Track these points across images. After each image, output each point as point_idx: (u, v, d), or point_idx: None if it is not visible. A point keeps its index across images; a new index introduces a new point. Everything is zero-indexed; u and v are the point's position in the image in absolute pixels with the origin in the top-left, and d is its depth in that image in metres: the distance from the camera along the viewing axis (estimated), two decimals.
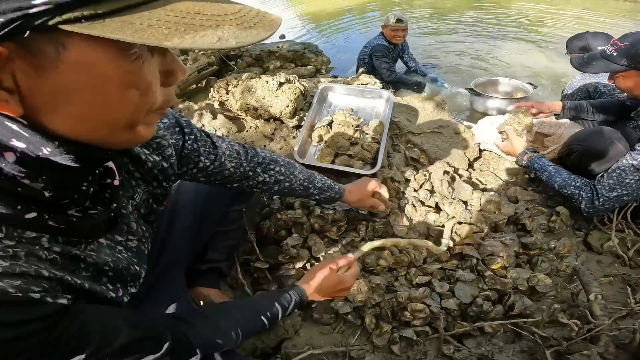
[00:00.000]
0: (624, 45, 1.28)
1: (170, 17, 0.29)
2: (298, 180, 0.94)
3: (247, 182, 0.86)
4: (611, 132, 1.35)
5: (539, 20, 5.65)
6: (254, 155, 0.85)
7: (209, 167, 0.75)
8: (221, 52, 2.73)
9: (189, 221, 0.91)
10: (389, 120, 1.51)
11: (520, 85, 2.45)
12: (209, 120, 1.72)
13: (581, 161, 1.41)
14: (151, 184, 0.58)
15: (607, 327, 0.96)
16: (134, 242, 0.54)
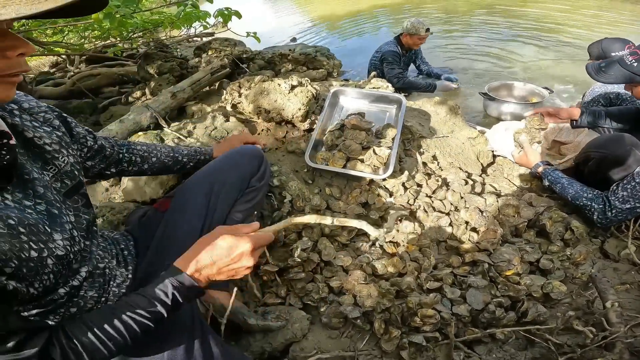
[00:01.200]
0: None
1: None
2: (163, 153, 1.05)
3: (121, 165, 0.97)
4: (630, 139, 1.34)
5: (555, 23, 5.59)
6: (117, 141, 0.98)
7: (94, 146, 0.86)
8: (234, 55, 2.79)
9: (192, 223, 0.94)
10: (401, 125, 1.52)
11: (535, 89, 2.44)
12: (221, 123, 1.76)
13: (599, 168, 1.40)
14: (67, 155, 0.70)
15: (622, 335, 0.95)
16: (43, 205, 0.61)
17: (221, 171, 1.02)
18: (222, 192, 0.99)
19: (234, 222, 1.02)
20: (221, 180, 1.00)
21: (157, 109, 1.92)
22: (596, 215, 1.29)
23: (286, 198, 1.39)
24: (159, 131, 1.78)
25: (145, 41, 3.77)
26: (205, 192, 0.97)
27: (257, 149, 1.13)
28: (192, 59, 3.13)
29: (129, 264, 0.83)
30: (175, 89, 2.12)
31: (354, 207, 1.36)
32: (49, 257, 0.58)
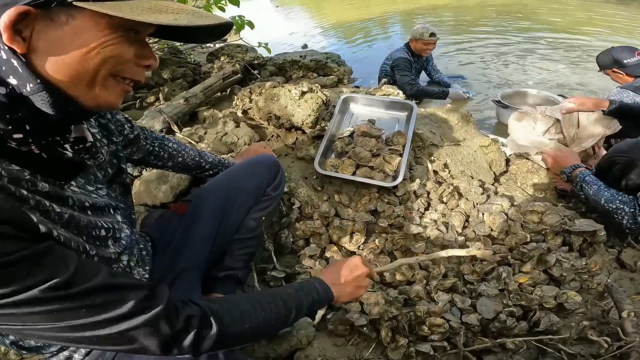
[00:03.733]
0: None
1: (145, 6, 0.47)
2: (190, 156, 1.10)
3: (148, 157, 1.01)
4: None
5: (569, 31, 5.55)
6: (153, 133, 1.03)
7: (129, 136, 0.90)
8: (245, 61, 2.86)
9: (208, 228, 0.98)
10: (412, 132, 1.54)
11: (550, 97, 2.43)
12: (232, 128, 1.81)
13: (624, 173, 1.37)
14: (108, 144, 0.73)
15: (638, 344, 0.94)
16: (104, 190, 0.67)
17: (239, 178, 1.06)
18: (238, 199, 1.02)
19: (246, 229, 1.05)
20: (238, 187, 1.03)
21: (170, 114, 1.98)
22: (626, 220, 1.25)
23: (295, 204, 1.41)
24: (171, 136, 1.83)
25: (160, 47, 3.88)
26: (222, 198, 1.01)
27: (274, 158, 1.16)
28: (204, 65, 3.22)
29: (146, 264, 0.85)
30: (188, 94, 2.18)
31: (363, 214, 1.38)
32: (111, 238, 0.63)
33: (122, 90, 0.54)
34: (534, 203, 1.40)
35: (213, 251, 0.99)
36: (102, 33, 0.47)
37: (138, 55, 0.53)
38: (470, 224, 1.39)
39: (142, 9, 0.46)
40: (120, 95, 0.55)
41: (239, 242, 1.05)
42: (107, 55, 0.48)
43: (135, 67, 0.54)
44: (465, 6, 9.05)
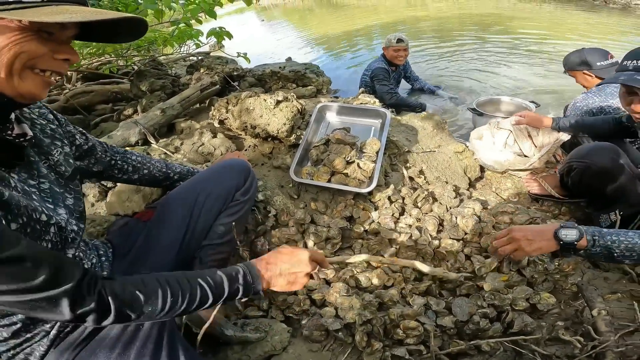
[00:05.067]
0: None
1: (46, 11, 0.55)
2: (156, 167, 1.11)
3: (111, 171, 1.02)
4: (612, 148, 1.35)
5: (540, 39, 5.84)
6: (113, 147, 1.05)
7: (83, 146, 0.92)
8: (225, 73, 2.88)
9: (173, 233, 0.98)
10: (385, 139, 1.57)
11: (522, 103, 2.51)
12: (209, 139, 1.81)
13: (582, 179, 1.42)
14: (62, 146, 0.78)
15: (613, 344, 0.95)
16: (46, 184, 0.71)
17: (206, 183, 1.06)
18: (206, 204, 1.02)
19: (216, 235, 1.05)
20: (205, 192, 1.03)
21: (146, 125, 1.97)
22: None
23: (271, 212, 1.42)
24: (147, 147, 1.83)
25: (141, 59, 3.89)
26: (188, 204, 1.01)
27: (244, 162, 1.16)
28: (184, 77, 3.23)
29: (104, 269, 0.87)
30: (165, 105, 2.18)
31: (339, 220, 1.39)
32: (54, 225, 0.66)
33: (42, 81, 0.62)
34: (505, 204, 1.44)
35: (180, 256, 0.99)
36: (13, 34, 0.55)
37: (53, 51, 0.61)
38: (444, 227, 1.42)
39: (42, 13, 0.55)
40: (41, 87, 0.62)
41: (209, 247, 1.04)
42: (17, 51, 0.56)
43: (53, 61, 0.62)
44: (444, 17, 9.43)
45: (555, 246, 1.00)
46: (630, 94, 1.21)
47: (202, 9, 2.27)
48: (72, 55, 0.64)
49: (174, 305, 0.66)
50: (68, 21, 0.57)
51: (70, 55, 0.64)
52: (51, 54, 0.61)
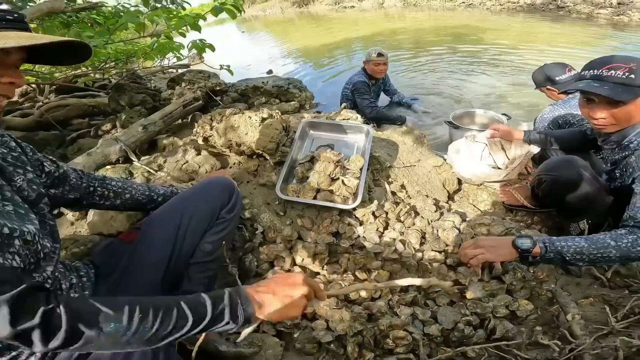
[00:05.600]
0: (634, 66, 1.19)
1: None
2: (138, 191, 1.10)
3: (92, 198, 1.02)
4: (579, 161, 1.44)
5: (511, 51, 6.18)
6: (90, 174, 1.05)
7: (54, 173, 0.92)
8: (207, 88, 2.89)
9: (159, 253, 0.99)
10: (369, 155, 1.63)
11: (495, 116, 2.65)
12: (193, 157, 1.82)
13: (552, 190, 1.51)
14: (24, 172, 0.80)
15: (589, 346, 1.01)
16: (10, 206, 0.71)
17: (191, 202, 1.06)
18: (191, 224, 1.03)
19: (203, 253, 1.05)
20: (190, 211, 1.04)
21: (127, 142, 1.95)
22: None
23: (258, 230, 1.44)
24: (128, 165, 1.81)
25: (118, 72, 3.82)
26: (173, 224, 1.01)
27: (228, 180, 1.17)
28: (165, 91, 3.21)
29: (86, 289, 0.87)
30: (147, 121, 2.17)
31: (325, 236, 1.43)
32: (18, 238, 0.65)
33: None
34: (482, 216, 1.52)
35: (167, 276, 1.00)
36: None
37: None
38: (427, 240, 1.48)
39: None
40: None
41: (196, 266, 1.05)
42: None
43: None
44: (421, 29, 9.82)
45: (516, 254, 1.12)
46: (589, 102, 1.29)
47: (185, 22, 2.28)
48: (16, 78, 0.68)
49: (142, 322, 0.58)
50: (2, 47, 0.61)
51: (14, 79, 0.68)
52: None
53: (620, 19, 8.98)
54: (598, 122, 1.28)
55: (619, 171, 1.35)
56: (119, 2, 2.73)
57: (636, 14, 8.93)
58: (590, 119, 1.33)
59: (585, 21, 9.24)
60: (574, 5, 10.71)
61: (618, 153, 1.34)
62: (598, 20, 9.23)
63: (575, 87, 1.29)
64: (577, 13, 10.26)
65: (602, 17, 9.49)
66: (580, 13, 10.21)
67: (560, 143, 1.78)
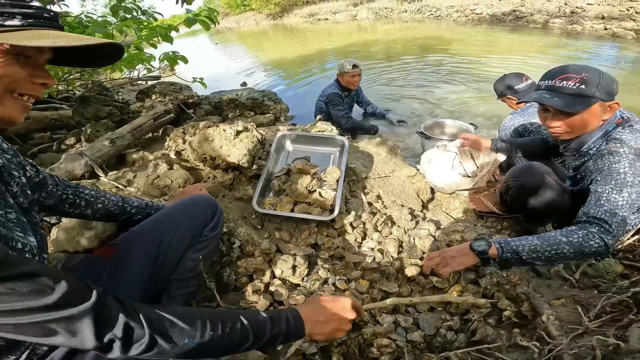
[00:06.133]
0: (585, 76, 1.24)
1: (28, 35, 0.57)
2: (111, 201, 1.09)
3: (62, 206, 1.00)
4: (541, 167, 1.53)
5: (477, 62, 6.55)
6: (64, 181, 1.03)
7: (34, 179, 0.90)
8: (179, 100, 2.84)
9: (139, 270, 0.97)
10: (345, 167, 1.65)
11: (463, 125, 2.77)
12: (165, 171, 1.77)
13: (518, 196, 1.59)
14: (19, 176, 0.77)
15: (566, 347, 1.04)
16: (13, 214, 0.69)
17: (173, 220, 1.06)
18: (173, 241, 1.03)
19: (184, 270, 1.05)
20: (172, 229, 1.04)
21: (93, 157, 1.88)
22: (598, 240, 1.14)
23: (235, 244, 1.42)
24: (95, 180, 1.74)
25: (83, 83, 3.69)
26: (155, 240, 1.01)
27: (211, 199, 1.18)
28: (134, 104, 3.12)
29: None
30: (114, 135, 2.10)
31: (304, 248, 1.43)
32: (28, 252, 0.64)
33: (21, 106, 0.64)
34: (456, 224, 1.58)
35: (148, 291, 0.99)
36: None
37: (32, 75, 0.64)
38: (404, 248, 1.51)
39: (25, 37, 0.57)
40: (20, 111, 0.65)
41: (177, 282, 1.04)
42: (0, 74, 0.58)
43: (31, 85, 0.64)
44: (393, 40, 10.22)
45: (475, 258, 1.20)
46: (545, 112, 1.37)
47: (157, 33, 2.25)
48: (49, 79, 0.66)
49: (214, 337, 0.62)
50: (54, 46, 0.59)
51: (47, 79, 0.66)
52: (30, 78, 0.63)
53: (573, 28, 9.75)
54: (554, 130, 1.37)
55: (580, 176, 1.44)
56: (83, 12, 2.66)
57: (588, 22, 9.73)
58: (547, 127, 1.41)
59: (541, 30, 9.98)
60: (531, 15, 11.55)
61: (578, 159, 1.43)
62: (553, 30, 9.98)
63: (529, 99, 1.37)
64: (534, 23, 11.06)
65: (557, 26, 10.28)
66: (537, 22, 11.00)
67: (524, 150, 1.88)
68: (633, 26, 8.66)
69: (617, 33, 8.51)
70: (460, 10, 13.81)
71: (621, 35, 8.37)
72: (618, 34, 8.47)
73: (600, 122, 1.31)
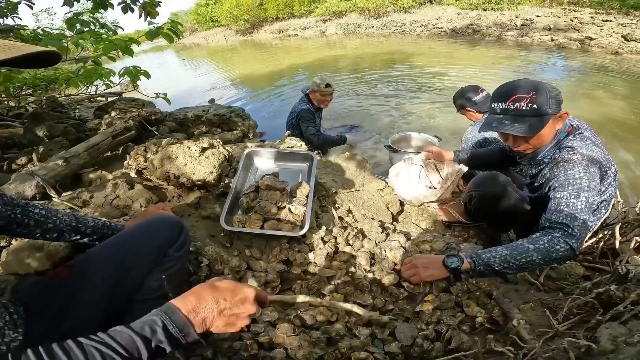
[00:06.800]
0: (534, 95, 1.31)
1: None
2: (64, 221, 1.04)
3: (11, 225, 0.95)
4: (501, 176, 1.61)
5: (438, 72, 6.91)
6: (13, 199, 0.98)
7: None
8: (141, 117, 2.75)
9: (98, 291, 0.93)
10: (314, 182, 1.66)
11: (428, 138, 2.87)
12: (125, 191, 1.69)
13: (481, 205, 1.66)
14: None
15: (540, 350, 1.06)
16: None
17: (136, 240, 1.03)
18: (136, 261, 0.99)
19: (149, 290, 1.01)
20: (134, 249, 1.01)
21: (46, 177, 1.77)
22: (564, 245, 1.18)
23: (203, 262, 1.38)
24: (47, 202, 1.63)
25: (36, 99, 3.49)
26: (114, 261, 0.97)
27: (176, 218, 1.15)
28: (91, 121, 2.99)
29: (18, 327, 0.81)
30: (69, 154, 1.99)
31: (275, 264, 1.40)
32: None
33: None
34: (425, 234, 1.61)
35: (110, 312, 0.94)
36: None
37: None
38: (376, 261, 1.52)
39: None
40: None
41: (142, 302, 1.00)
42: None
43: None
44: (360, 56, 10.59)
45: (446, 273, 1.22)
46: (504, 134, 1.45)
47: (116, 46, 2.16)
48: None
49: None
50: None
51: None
52: None
53: (524, 40, 10.62)
54: (518, 149, 1.45)
55: (537, 183, 1.52)
56: (39, 26, 2.54)
57: (537, 34, 10.64)
58: (510, 147, 1.49)
59: (496, 43, 10.77)
60: (486, 28, 12.51)
61: (534, 167, 1.52)
62: (507, 42, 10.79)
63: (491, 128, 1.41)
64: (490, 36, 11.93)
65: (509, 38, 11.16)
66: (491, 36, 11.88)
67: (484, 161, 1.98)
68: (577, 36, 9.61)
69: (562, 44, 9.41)
70: (423, 25, 14.70)
71: (566, 46, 9.26)
72: (564, 44, 9.37)
73: (555, 132, 1.40)
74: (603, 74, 6.36)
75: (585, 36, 9.36)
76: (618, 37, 8.92)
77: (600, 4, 13.12)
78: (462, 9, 15.96)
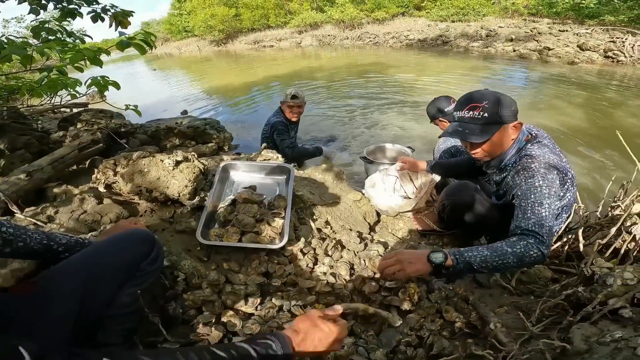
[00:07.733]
0: (486, 104, 1.39)
1: None
2: (34, 239, 1.01)
3: None
4: (471, 185, 1.69)
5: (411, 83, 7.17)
6: None
7: None
8: (109, 129, 2.67)
9: (64, 308, 0.90)
10: (292, 194, 1.67)
11: (402, 149, 2.96)
12: (93, 205, 1.63)
13: (453, 213, 1.73)
14: None
15: (518, 353, 1.09)
16: None
17: (105, 254, 1.00)
18: (105, 277, 0.97)
19: (122, 304, 0.99)
20: (104, 263, 0.98)
21: (7, 192, 1.69)
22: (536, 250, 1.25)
23: (179, 277, 1.35)
24: (9, 217, 1.56)
25: None
26: (81, 276, 0.94)
27: (147, 232, 1.14)
28: (55, 133, 2.87)
29: None
30: (31, 167, 1.91)
31: (255, 277, 1.40)
32: None
33: None
34: (402, 243, 1.66)
35: (79, 329, 0.91)
36: None
37: None
38: (355, 270, 1.55)
39: None
40: None
41: (114, 317, 0.98)
42: None
43: None
44: (336, 67, 10.80)
45: (430, 268, 1.26)
46: (464, 140, 1.49)
47: (83, 56, 2.09)
48: None
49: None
50: None
51: None
52: None
53: (488, 51, 11.22)
54: (475, 155, 1.54)
55: (502, 191, 1.60)
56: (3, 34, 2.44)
57: (500, 45, 11.27)
58: (469, 153, 1.58)
59: (463, 54, 11.31)
60: (454, 39, 13.11)
61: (499, 175, 1.61)
62: (473, 53, 11.35)
63: (448, 136, 1.50)
64: (457, 47, 12.51)
65: (475, 49, 11.75)
66: (459, 47, 12.47)
67: (455, 170, 2.07)
68: (536, 46, 10.22)
69: (523, 54, 10.02)
70: (396, 36, 15.26)
71: (527, 56, 9.88)
72: (524, 54, 9.98)
73: (511, 141, 1.48)
74: (561, 83, 6.78)
75: (544, 46, 9.90)
76: (574, 47, 9.46)
77: (557, 14, 13.74)
78: (432, 20, 16.73)
